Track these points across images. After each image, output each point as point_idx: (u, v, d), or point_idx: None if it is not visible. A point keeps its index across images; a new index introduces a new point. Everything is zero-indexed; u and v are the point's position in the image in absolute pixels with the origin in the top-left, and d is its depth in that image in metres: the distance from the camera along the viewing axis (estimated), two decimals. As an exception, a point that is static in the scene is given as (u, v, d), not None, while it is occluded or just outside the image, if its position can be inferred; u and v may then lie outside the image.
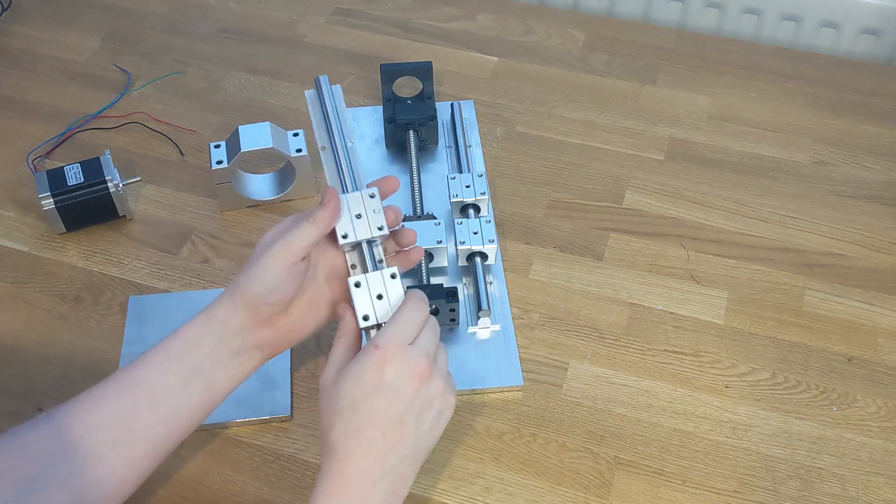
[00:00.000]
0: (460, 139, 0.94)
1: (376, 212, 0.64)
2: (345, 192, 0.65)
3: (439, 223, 0.82)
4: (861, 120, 1.00)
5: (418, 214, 0.85)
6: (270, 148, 0.85)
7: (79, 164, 0.87)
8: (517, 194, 0.92)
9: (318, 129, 0.68)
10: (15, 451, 0.56)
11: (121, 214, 0.88)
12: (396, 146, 0.94)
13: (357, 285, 0.62)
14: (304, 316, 0.65)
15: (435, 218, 0.83)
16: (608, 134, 0.99)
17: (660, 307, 0.82)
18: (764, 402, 0.76)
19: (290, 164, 0.88)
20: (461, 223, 0.82)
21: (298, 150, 0.87)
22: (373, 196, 0.65)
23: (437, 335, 0.62)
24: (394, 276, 0.63)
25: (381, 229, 0.64)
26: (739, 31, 1.15)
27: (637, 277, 0.85)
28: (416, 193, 0.87)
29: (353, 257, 0.65)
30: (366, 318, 0.62)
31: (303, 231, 0.62)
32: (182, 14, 1.15)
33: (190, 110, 1.01)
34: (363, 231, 0.64)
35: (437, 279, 0.83)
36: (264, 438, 0.73)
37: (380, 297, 0.62)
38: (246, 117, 0.99)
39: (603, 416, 0.75)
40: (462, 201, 0.85)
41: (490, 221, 0.82)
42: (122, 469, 0.58)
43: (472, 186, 0.85)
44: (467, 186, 0.85)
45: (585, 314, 0.82)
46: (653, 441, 0.73)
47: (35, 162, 0.95)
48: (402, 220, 0.69)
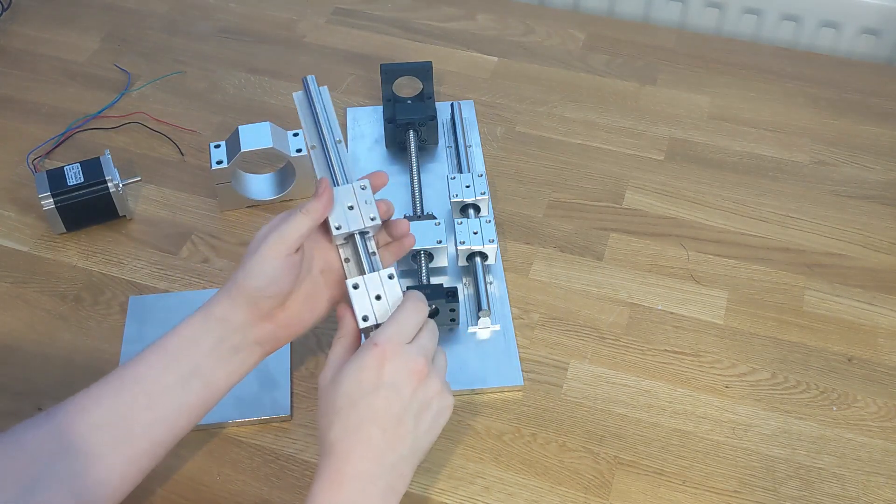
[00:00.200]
0: (460, 139, 0.94)
1: (368, 203, 0.66)
2: (336, 185, 0.66)
3: (439, 223, 0.81)
4: (861, 120, 1.00)
5: (418, 214, 0.85)
6: (270, 148, 0.85)
7: (79, 164, 0.87)
8: (517, 194, 0.92)
9: (306, 129, 0.69)
10: (15, 450, 0.56)
11: (121, 214, 0.88)
12: (396, 146, 0.94)
13: (355, 287, 0.63)
14: (302, 310, 0.65)
15: (435, 218, 0.83)
16: (608, 134, 0.99)
17: (660, 307, 0.82)
18: (764, 402, 0.76)
19: (290, 164, 0.88)
20: (461, 223, 0.82)
21: (298, 150, 0.87)
22: (364, 188, 0.66)
23: (436, 336, 0.62)
24: (391, 277, 0.63)
25: (373, 219, 0.65)
26: (739, 31, 1.15)
27: (637, 277, 0.85)
28: (416, 193, 0.87)
29: (346, 251, 0.66)
30: (365, 318, 0.62)
31: (296, 222, 0.62)
32: (182, 14, 1.15)
33: (190, 110, 1.01)
34: (356, 222, 0.65)
35: (437, 279, 0.83)
36: (264, 438, 0.73)
37: (378, 297, 0.62)
38: (246, 117, 0.99)
39: (603, 416, 0.75)
40: (462, 201, 0.85)
41: (490, 221, 0.82)
42: (122, 467, 0.59)
43: (472, 186, 0.85)
44: (467, 186, 0.85)
45: (585, 314, 0.82)
46: (653, 441, 0.73)
47: (35, 162, 0.95)
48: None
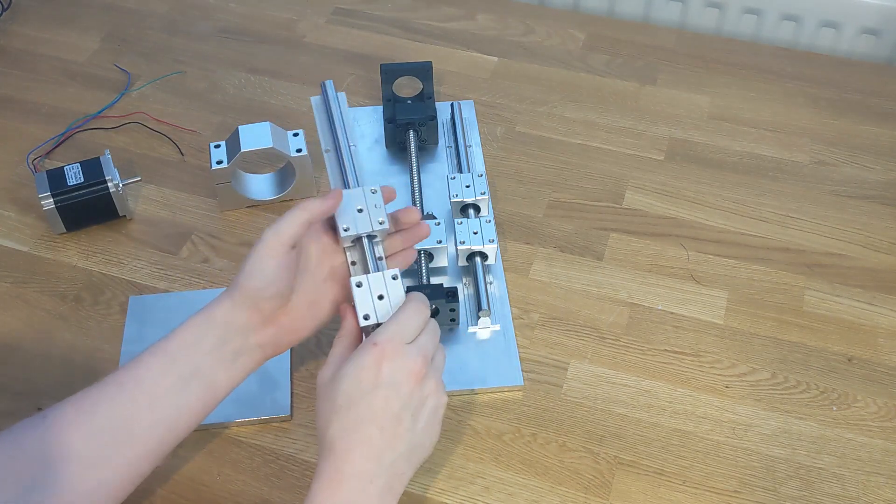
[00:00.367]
0: (460, 139, 0.94)
1: (377, 207, 0.67)
2: (347, 188, 0.67)
3: (439, 223, 0.81)
4: (861, 120, 1.00)
5: (418, 214, 0.85)
6: (270, 148, 0.85)
7: (79, 164, 0.86)
8: (517, 194, 0.92)
9: (322, 133, 0.70)
10: (14, 450, 0.56)
11: (121, 214, 0.88)
12: (396, 146, 0.94)
13: (359, 285, 0.63)
14: (305, 315, 0.65)
15: (435, 218, 0.83)
16: (608, 134, 0.99)
17: (660, 307, 0.82)
18: (764, 402, 0.76)
19: (290, 164, 0.88)
20: (461, 223, 0.82)
21: (298, 150, 0.87)
22: (374, 192, 0.67)
23: (437, 337, 0.62)
24: (395, 278, 0.63)
25: (381, 223, 0.66)
26: (739, 31, 1.15)
27: (637, 277, 0.85)
28: (416, 193, 0.87)
29: (353, 254, 0.67)
30: (366, 317, 0.62)
31: (291, 216, 0.62)
32: (182, 14, 1.15)
33: (190, 110, 1.01)
34: (364, 225, 0.66)
35: (437, 279, 0.83)
36: (264, 438, 0.73)
37: (381, 297, 0.63)
38: (246, 117, 0.99)
39: (603, 416, 0.74)
40: (462, 201, 0.85)
41: (490, 221, 0.82)
42: (121, 469, 0.58)
43: (472, 186, 0.85)
44: (467, 186, 0.85)
45: (585, 314, 0.82)
46: (653, 441, 0.73)
47: (35, 162, 0.95)
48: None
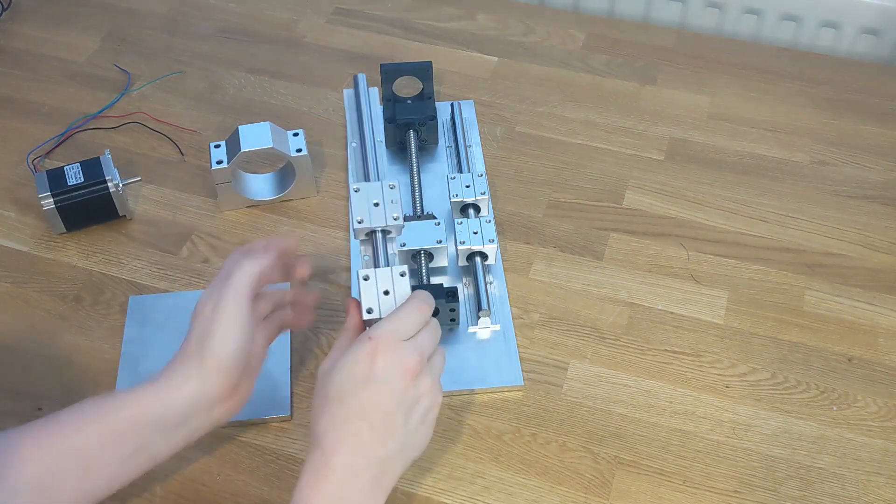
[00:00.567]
0: (460, 139, 0.94)
1: (394, 202, 0.68)
2: (367, 181, 0.70)
3: (439, 223, 0.81)
4: (861, 120, 1.00)
5: (418, 214, 0.85)
6: (270, 148, 0.85)
7: (79, 164, 0.86)
8: (517, 194, 0.92)
9: (350, 127, 0.71)
10: None
11: (121, 214, 0.88)
12: (396, 146, 0.94)
13: (366, 278, 0.63)
14: (255, 368, 0.65)
15: (435, 218, 0.83)
16: (608, 134, 0.99)
17: (660, 307, 0.82)
18: (764, 402, 0.76)
19: (290, 164, 0.88)
20: (461, 223, 0.82)
21: (298, 150, 0.87)
22: (392, 187, 0.68)
23: (436, 336, 0.62)
24: (403, 275, 0.63)
25: (396, 219, 0.67)
26: (739, 31, 1.15)
27: (637, 277, 0.85)
28: (416, 193, 0.87)
29: (366, 248, 0.68)
30: (370, 310, 0.62)
31: (243, 269, 0.62)
32: (182, 14, 1.15)
33: (190, 110, 1.01)
34: (378, 219, 0.67)
35: (437, 279, 0.83)
36: (264, 438, 0.73)
37: (386, 292, 0.63)
38: (246, 117, 0.99)
39: (603, 416, 0.74)
40: (462, 201, 0.85)
41: (490, 221, 0.82)
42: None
43: (472, 186, 0.85)
44: (467, 186, 0.85)
45: (585, 314, 0.82)
46: (653, 441, 0.73)
47: (35, 162, 0.95)
48: (404, 220, 0.70)
